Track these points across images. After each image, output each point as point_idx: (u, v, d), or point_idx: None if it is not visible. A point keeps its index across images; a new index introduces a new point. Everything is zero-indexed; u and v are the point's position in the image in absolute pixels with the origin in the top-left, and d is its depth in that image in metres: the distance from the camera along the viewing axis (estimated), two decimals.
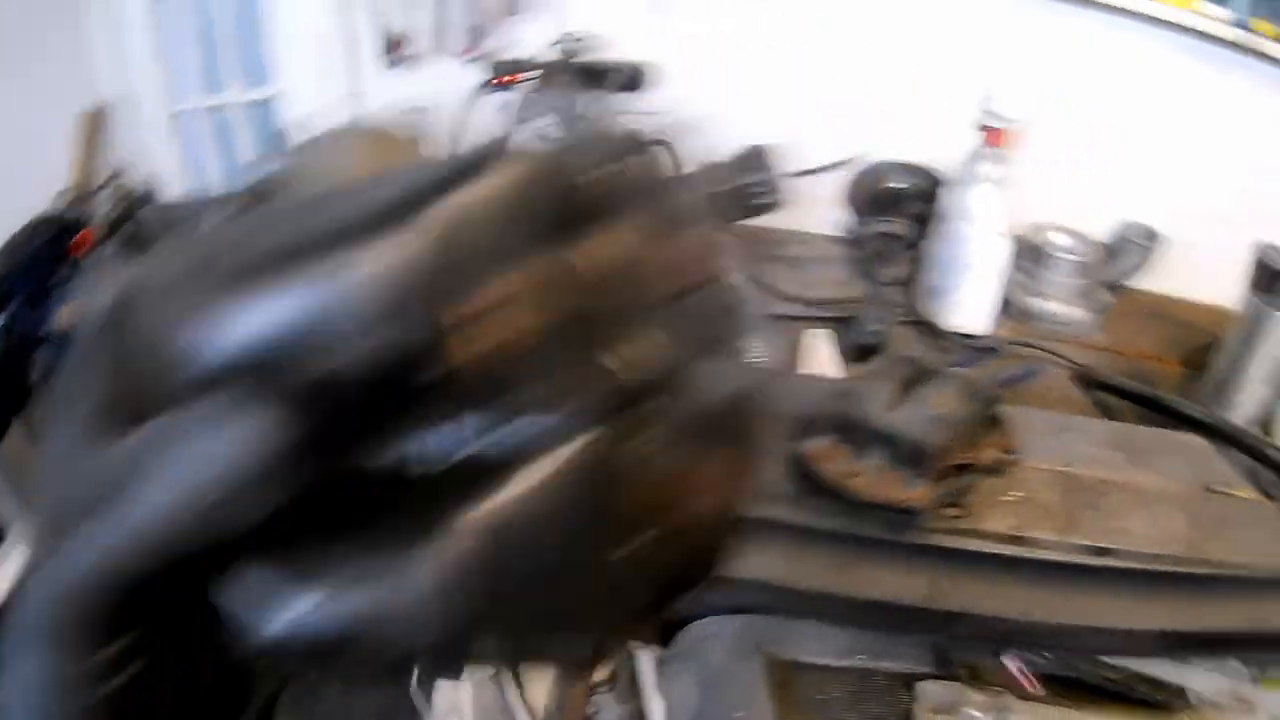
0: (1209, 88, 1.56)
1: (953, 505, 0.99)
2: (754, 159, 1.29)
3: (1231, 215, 1.50)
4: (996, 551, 1.00)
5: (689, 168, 1.39)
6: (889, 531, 0.97)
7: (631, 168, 0.29)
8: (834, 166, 1.43)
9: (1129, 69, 1.56)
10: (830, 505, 0.97)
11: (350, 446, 0.26)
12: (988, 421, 1.01)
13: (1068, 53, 1.54)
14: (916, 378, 0.99)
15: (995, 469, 1.03)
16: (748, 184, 1.26)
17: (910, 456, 0.93)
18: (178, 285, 0.27)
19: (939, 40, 1.57)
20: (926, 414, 0.93)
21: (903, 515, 0.96)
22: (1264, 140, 1.55)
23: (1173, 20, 1.51)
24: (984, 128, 1.37)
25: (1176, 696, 1.18)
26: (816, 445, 0.95)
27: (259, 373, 0.25)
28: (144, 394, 0.27)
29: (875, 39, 1.60)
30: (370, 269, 0.24)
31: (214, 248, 0.27)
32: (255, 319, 0.25)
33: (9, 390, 2.62)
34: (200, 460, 0.24)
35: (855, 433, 0.95)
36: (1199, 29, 1.52)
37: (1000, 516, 1.01)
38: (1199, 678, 1.19)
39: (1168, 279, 1.64)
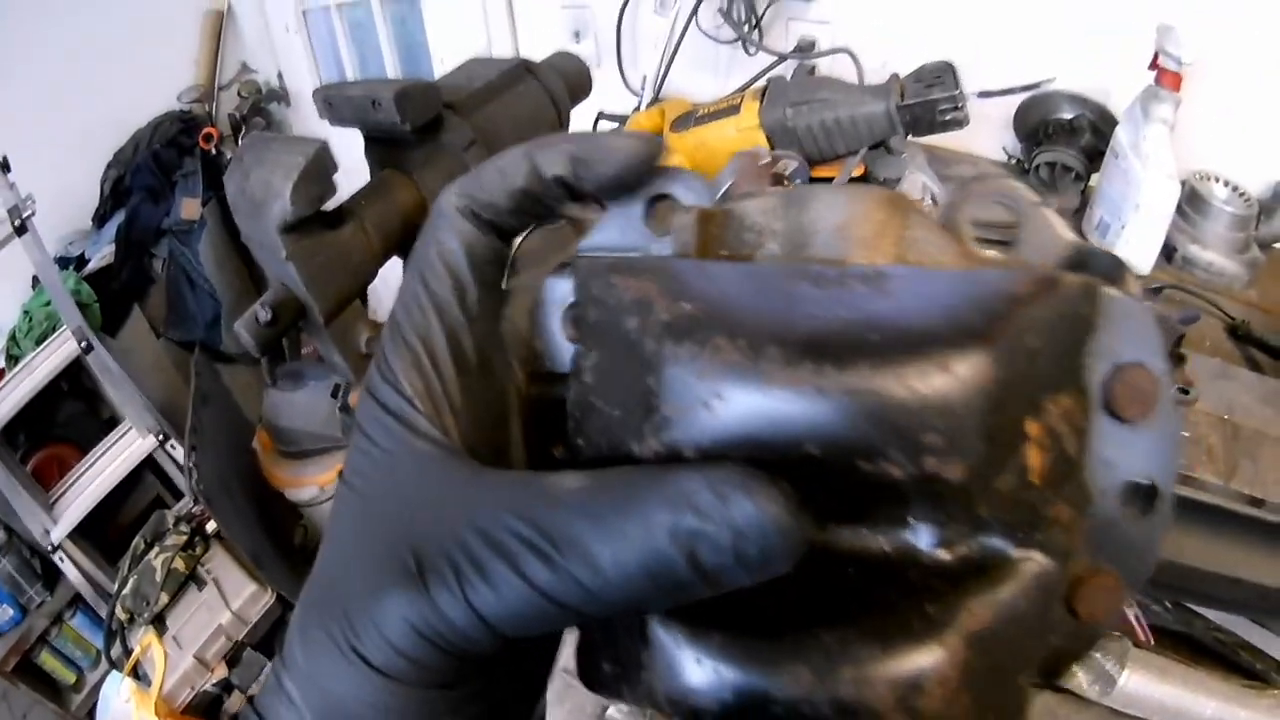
0: None
1: None
2: (939, 74, 1.27)
3: None
4: None
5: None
6: None
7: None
8: (1021, 89, 1.39)
9: None
10: None
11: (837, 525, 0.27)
12: (1172, 357, 1.00)
13: (1241, 3, 1.49)
14: None
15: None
16: (936, 99, 1.24)
17: None
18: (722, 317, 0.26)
19: None
20: None
21: None
22: None
23: None
24: (1159, 68, 1.33)
25: (1273, 669, 1.18)
26: None
27: (775, 450, 0.25)
28: (611, 421, 0.28)
29: None
30: (947, 392, 0.25)
31: (755, 296, 0.27)
32: (807, 407, 0.25)
33: (130, 279, 2.70)
34: (685, 534, 0.24)
35: None
36: None
37: None
38: None
39: None
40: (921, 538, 0.26)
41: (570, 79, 1.33)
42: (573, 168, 0.31)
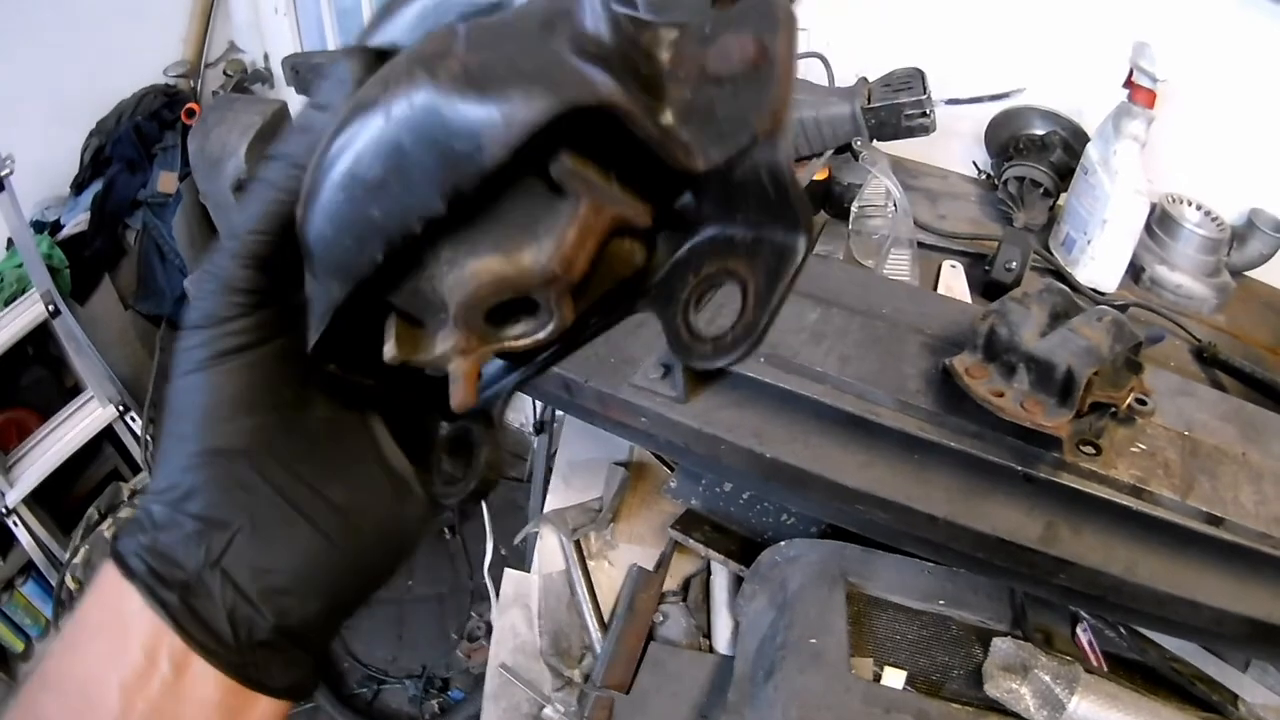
0: None
1: (1088, 444, 0.96)
2: (909, 80, 1.26)
3: None
4: (1118, 501, 0.98)
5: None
6: (1020, 463, 0.95)
7: None
8: (990, 98, 1.39)
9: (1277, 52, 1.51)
10: (966, 426, 0.95)
11: None
12: (1129, 365, 0.98)
13: (1218, 26, 1.49)
14: (1066, 308, 0.97)
15: (1129, 416, 1.00)
16: (902, 103, 1.24)
17: (1057, 383, 0.90)
18: None
19: None
20: (1078, 343, 0.91)
21: (1036, 446, 0.94)
22: None
23: None
24: (1132, 84, 1.33)
25: (1228, 701, 1.17)
26: (964, 360, 0.93)
27: None
28: None
29: None
30: None
31: None
32: None
33: (103, 248, 2.67)
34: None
35: (1004, 353, 0.92)
36: None
37: (1126, 466, 0.99)
38: (1251, 688, 1.18)
39: None
40: None
41: None
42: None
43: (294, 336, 0.38)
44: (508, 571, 1.52)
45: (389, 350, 0.36)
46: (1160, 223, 1.44)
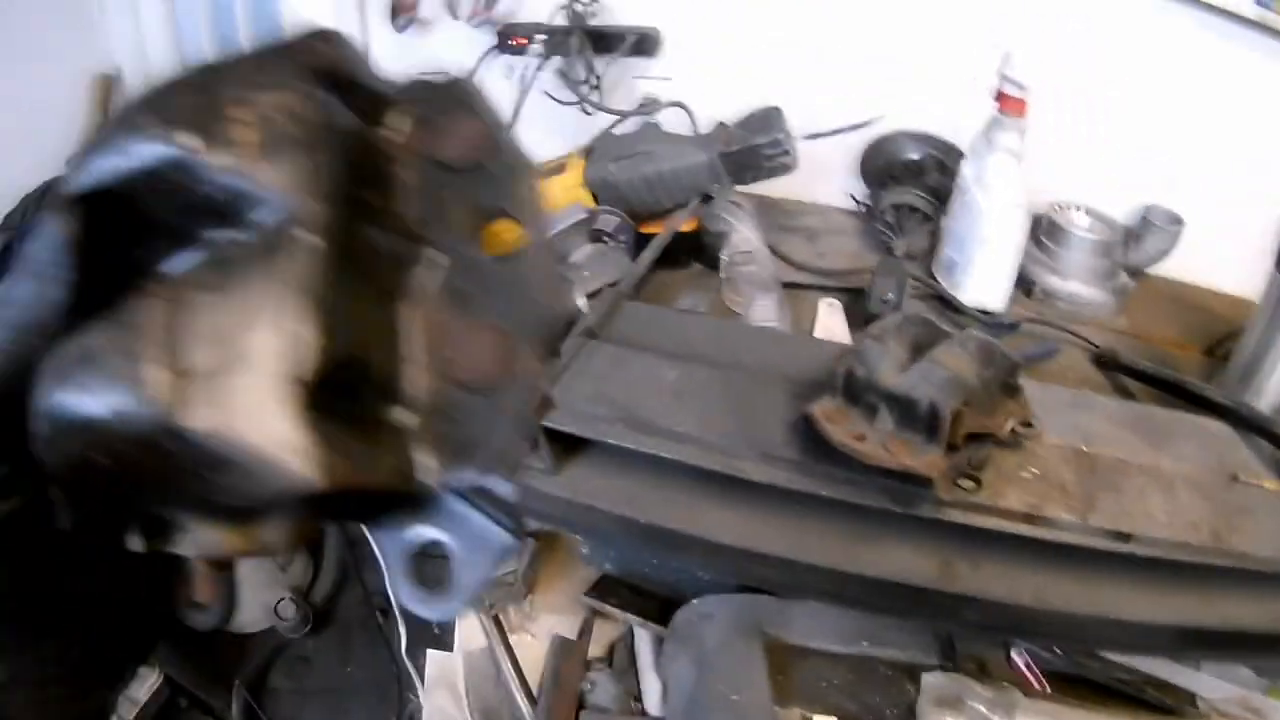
0: (1232, 69, 1.50)
1: (966, 477, 0.93)
2: (766, 120, 1.25)
3: (1256, 202, 1.45)
4: (1012, 531, 0.95)
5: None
6: (898, 504, 0.92)
7: None
8: (849, 129, 1.37)
9: (1150, 45, 1.51)
10: (837, 473, 0.92)
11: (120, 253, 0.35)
12: (1005, 389, 0.96)
13: (1088, 26, 1.49)
14: (930, 338, 0.94)
15: (1012, 441, 0.97)
16: (759, 145, 1.23)
17: (922, 420, 0.87)
18: None
19: (957, 2, 1.51)
20: (940, 375, 0.88)
21: (912, 486, 0.91)
22: None
23: None
24: (1001, 95, 1.32)
25: (1186, 702, 1.14)
26: (824, 406, 0.90)
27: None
28: None
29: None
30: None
31: None
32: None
33: None
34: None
35: (864, 394, 0.90)
36: (1222, 7, 1.46)
37: (1016, 494, 0.96)
38: (1210, 684, 1.15)
39: (1190, 266, 1.58)
40: None
41: None
42: None
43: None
44: (430, 652, 1.48)
45: (133, 545, 0.37)
46: (1048, 233, 1.43)
